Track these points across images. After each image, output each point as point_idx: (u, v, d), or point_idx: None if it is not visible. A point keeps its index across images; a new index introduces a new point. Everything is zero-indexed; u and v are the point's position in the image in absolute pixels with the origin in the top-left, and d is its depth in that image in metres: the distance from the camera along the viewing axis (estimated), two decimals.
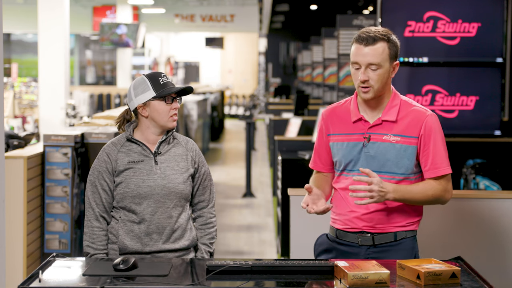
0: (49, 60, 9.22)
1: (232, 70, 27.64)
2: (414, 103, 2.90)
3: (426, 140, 2.83)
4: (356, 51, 2.82)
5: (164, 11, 19.30)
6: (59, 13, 9.24)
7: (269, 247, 7.00)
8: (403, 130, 2.83)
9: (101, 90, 15.50)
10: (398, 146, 2.82)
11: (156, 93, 2.93)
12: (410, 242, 2.89)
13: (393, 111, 2.85)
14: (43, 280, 2.45)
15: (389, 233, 2.86)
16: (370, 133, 2.85)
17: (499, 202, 3.95)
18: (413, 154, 2.83)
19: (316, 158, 3.04)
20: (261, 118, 14.02)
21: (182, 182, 2.98)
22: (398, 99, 2.89)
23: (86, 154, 5.10)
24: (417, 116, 2.84)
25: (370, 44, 2.79)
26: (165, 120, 2.96)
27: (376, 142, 2.84)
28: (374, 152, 2.83)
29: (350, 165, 2.88)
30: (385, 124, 2.85)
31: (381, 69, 2.79)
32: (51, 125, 9.09)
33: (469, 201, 3.96)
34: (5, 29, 17.70)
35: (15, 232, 4.55)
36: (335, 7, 16.59)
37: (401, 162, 2.82)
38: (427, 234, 3.95)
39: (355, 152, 2.87)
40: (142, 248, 2.93)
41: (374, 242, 2.87)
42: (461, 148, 5.71)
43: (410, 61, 5.41)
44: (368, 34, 2.80)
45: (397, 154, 2.82)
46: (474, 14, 5.33)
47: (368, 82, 2.80)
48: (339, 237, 2.94)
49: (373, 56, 2.78)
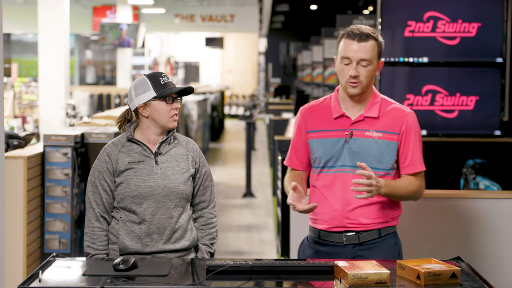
0: (49, 60, 9.22)
1: (232, 70, 27.64)
2: (393, 101, 2.97)
3: (407, 137, 2.90)
4: (347, 46, 2.86)
5: (164, 11, 19.30)
6: (59, 13, 9.24)
7: (269, 247, 7.00)
8: (385, 126, 2.89)
9: (101, 90, 15.50)
10: (380, 142, 2.88)
11: (157, 93, 2.93)
12: (393, 238, 2.96)
13: (375, 108, 2.91)
14: (43, 280, 2.45)
15: (374, 230, 2.91)
16: (353, 129, 2.89)
17: (499, 202, 3.95)
18: (394, 150, 2.89)
19: (293, 155, 3.05)
20: (261, 118, 14.03)
21: (183, 183, 2.98)
22: (378, 97, 2.95)
23: (86, 154, 5.10)
24: (398, 114, 2.91)
25: (362, 41, 2.84)
26: (165, 120, 2.96)
27: (359, 138, 2.88)
28: (357, 148, 2.87)
29: (331, 161, 2.91)
30: (367, 120, 2.90)
31: (371, 66, 2.86)
32: (51, 125, 9.08)
33: (469, 201, 3.96)
34: (5, 29, 17.70)
35: (15, 232, 4.55)
36: (335, 7, 16.60)
37: (383, 158, 2.88)
38: (427, 234, 3.96)
39: (337, 148, 2.90)
40: (143, 248, 2.93)
41: (359, 240, 2.89)
42: (461, 148, 5.71)
43: (410, 61, 5.41)
44: (360, 31, 2.85)
45: (380, 149, 2.88)
46: (474, 14, 5.33)
47: (358, 77, 2.85)
48: (322, 238, 2.95)
49: (365, 52, 2.84)
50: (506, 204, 3.94)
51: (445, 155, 5.72)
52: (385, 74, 5.47)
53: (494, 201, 3.96)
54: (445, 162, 5.71)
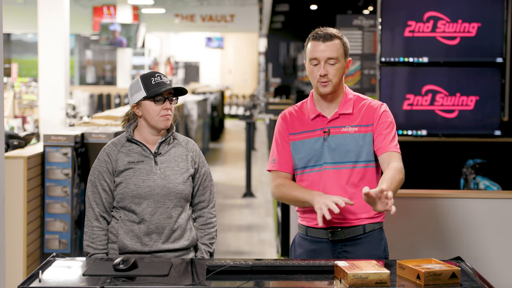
0: (49, 60, 9.23)
1: (232, 70, 27.64)
2: (366, 97, 3.07)
3: (379, 124, 2.96)
4: (314, 48, 2.95)
5: (164, 11, 19.28)
6: (59, 13, 9.24)
7: (269, 247, 7.00)
8: (359, 120, 2.97)
9: (101, 90, 15.50)
10: (357, 135, 2.95)
11: (147, 93, 2.94)
12: (378, 234, 3.00)
13: (349, 104, 3.00)
14: (43, 280, 2.45)
15: (358, 226, 2.95)
16: (329, 127, 2.98)
17: (499, 202, 3.95)
18: (370, 140, 2.96)
19: (280, 159, 3.06)
20: (261, 118, 14.03)
21: (182, 183, 2.98)
22: (351, 94, 3.05)
23: (86, 154, 5.10)
24: (370, 106, 3.00)
25: (328, 40, 2.93)
26: (155, 120, 2.96)
27: (336, 135, 2.97)
28: (335, 145, 2.95)
29: (313, 160, 2.98)
30: (342, 117, 2.99)
31: (339, 64, 2.95)
32: (51, 125, 9.09)
33: (469, 201, 3.96)
34: (5, 29, 17.70)
35: (15, 232, 4.55)
36: (335, 7, 16.59)
37: (361, 151, 2.94)
38: (427, 234, 3.96)
39: (317, 147, 2.97)
40: (142, 248, 2.93)
41: (344, 236, 2.94)
42: (461, 148, 5.72)
43: (410, 61, 5.41)
44: (325, 31, 2.96)
45: (357, 143, 2.95)
46: (474, 14, 5.33)
47: (327, 76, 2.93)
48: (309, 234, 3.01)
49: (332, 51, 2.93)
50: (506, 204, 3.94)
51: (445, 155, 5.73)
52: (385, 74, 5.47)
53: (494, 201, 3.96)
54: (445, 162, 5.72)
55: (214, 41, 26.11)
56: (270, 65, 24.32)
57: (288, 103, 15.76)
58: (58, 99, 9.29)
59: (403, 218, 3.87)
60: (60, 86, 9.27)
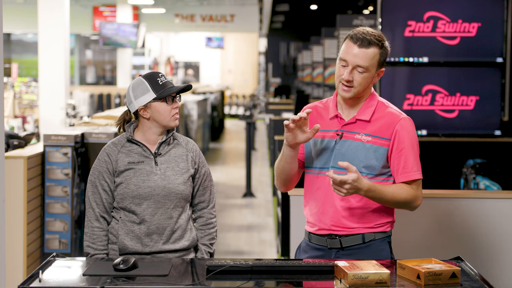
0: (49, 60, 9.22)
1: (232, 70, 27.64)
2: (391, 105, 2.90)
3: (398, 144, 2.81)
4: (347, 49, 2.80)
5: (164, 11, 19.28)
6: (59, 13, 9.24)
7: (269, 247, 7.00)
8: (375, 130, 2.82)
9: (101, 90, 15.50)
10: (368, 146, 2.82)
11: (157, 95, 2.93)
12: (379, 244, 2.86)
13: (369, 111, 2.85)
14: (43, 280, 2.45)
15: (357, 235, 2.84)
16: (344, 131, 2.85)
17: (499, 202, 3.95)
18: (383, 155, 2.82)
19: None
20: (261, 118, 14.03)
21: (182, 183, 2.98)
22: (375, 100, 2.88)
23: (86, 154, 5.10)
24: (391, 119, 2.83)
25: (363, 47, 2.77)
26: (167, 120, 2.97)
27: (348, 140, 2.84)
28: (345, 150, 2.83)
29: (321, 162, 2.88)
30: (359, 123, 2.85)
31: (367, 73, 2.79)
32: (51, 125, 9.09)
33: (469, 201, 3.96)
34: (5, 29, 17.70)
35: (15, 232, 4.55)
36: (335, 7, 16.60)
37: (369, 162, 2.81)
38: (427, 234, 3.96)
39: (327, 149, 2.87)
40: (142, 248, 2.93)
41: (341, 245, 2.85)
42: (461, 148, 5.72)
43: (410, 61, 5.41)
44: (364, 35, 2.78)
45: (366, 154, 2.81)
46: (474, 14, 5.33)
47: (352, 82, 2.79)
48: (311, 241, 2.94)
49: (363, 59, 2.77)
50: (506, 204, 3.94)
51: (445, 155, 5.73)
52: (385, 74, 5.45)
53: (494, 201, 3.96)
54: (445, 162, 5.72)
55: (214, 41, 26.10)
56: (270, 65, 24.33)
57: (288, 103, 15.76)
58: (58, 99, 9.29)
59: (403, 218, 3.87)
60: (60, 86, 9.27)
